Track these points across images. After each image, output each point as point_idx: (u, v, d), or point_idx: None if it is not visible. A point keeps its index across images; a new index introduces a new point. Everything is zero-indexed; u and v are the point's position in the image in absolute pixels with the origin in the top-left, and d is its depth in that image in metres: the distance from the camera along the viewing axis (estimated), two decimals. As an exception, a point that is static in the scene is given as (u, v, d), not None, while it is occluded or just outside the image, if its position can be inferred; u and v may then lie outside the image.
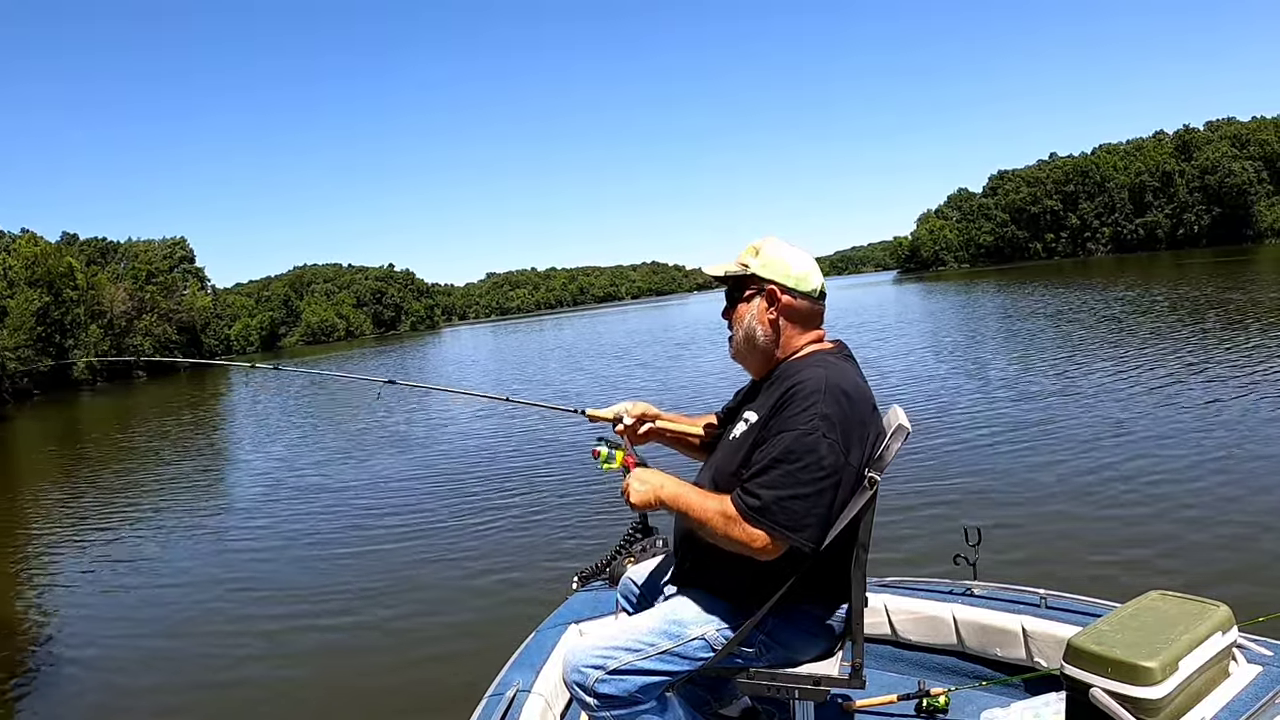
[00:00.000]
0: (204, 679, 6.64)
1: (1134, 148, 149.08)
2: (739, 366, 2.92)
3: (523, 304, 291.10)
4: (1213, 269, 51.73)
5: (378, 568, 8.82)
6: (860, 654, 2.70)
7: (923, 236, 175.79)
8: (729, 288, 2.87)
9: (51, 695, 6.64)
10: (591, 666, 2.66)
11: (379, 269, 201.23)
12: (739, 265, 2.81)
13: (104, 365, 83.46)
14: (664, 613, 2.77)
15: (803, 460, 2.49)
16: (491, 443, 15.96)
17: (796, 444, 2.50)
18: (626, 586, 3.30)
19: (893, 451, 2.60)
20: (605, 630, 2.84)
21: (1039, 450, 10.13)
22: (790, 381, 2.61)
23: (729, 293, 2.87)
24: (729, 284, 2.87)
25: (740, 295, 2.83)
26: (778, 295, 2.76)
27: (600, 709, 2.66)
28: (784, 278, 2.76)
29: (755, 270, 2.77)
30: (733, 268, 2.82)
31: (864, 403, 2.62)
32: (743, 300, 2.81)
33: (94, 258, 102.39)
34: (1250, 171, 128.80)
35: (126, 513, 13.55)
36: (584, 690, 2.66)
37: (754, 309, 2.78)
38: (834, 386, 2.56)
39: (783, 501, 2.49)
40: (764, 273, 2.77)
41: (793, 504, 2.49)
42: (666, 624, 2.71)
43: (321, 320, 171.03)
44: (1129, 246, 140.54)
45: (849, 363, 2.76)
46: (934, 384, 16.51)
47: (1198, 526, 7.03)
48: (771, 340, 2.77)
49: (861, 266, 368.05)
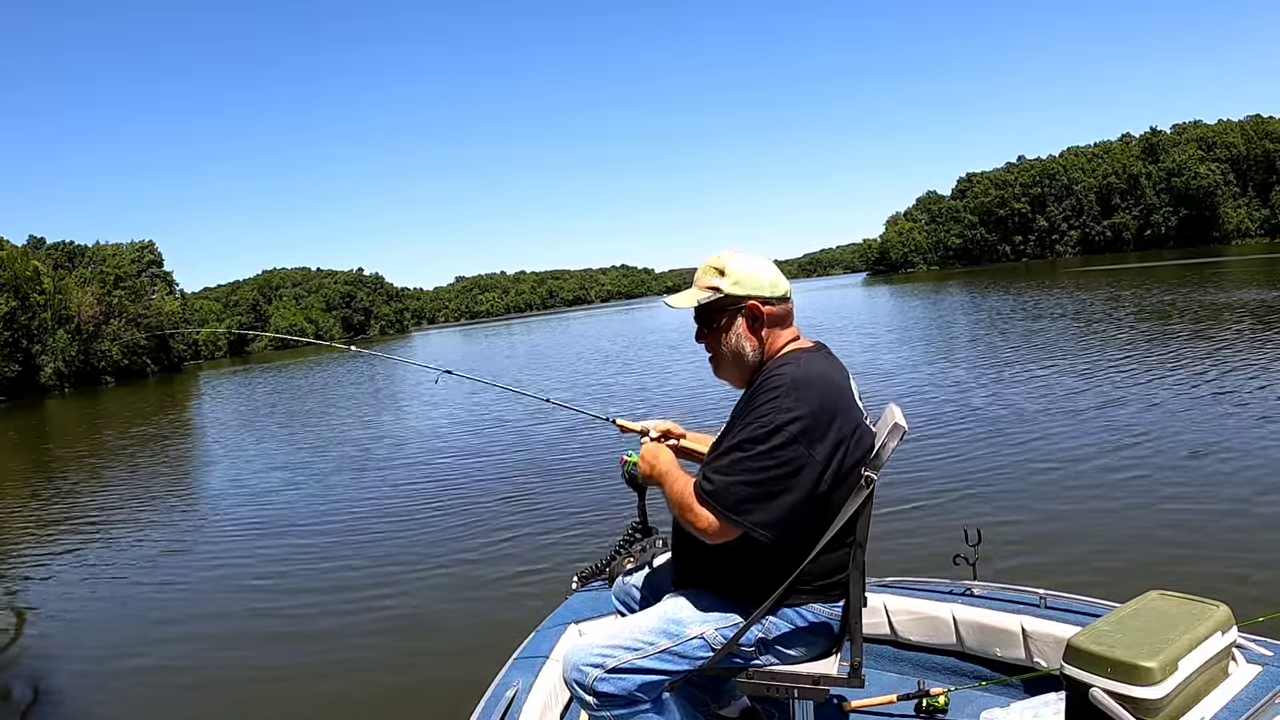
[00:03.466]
0: (201, 678, 6.61)
1: (1101, 150, 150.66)
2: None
3: (492, 307, 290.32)
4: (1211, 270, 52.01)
5: (375, 569, 8.77)
6: (859, 653, 2.72)
7: (892, 239, 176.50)
8: (696, 315, 2.85)
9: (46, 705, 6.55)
10: (591, 665, 2.68)
11: (348, 273, 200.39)
12: (708, 290, 2.78)
13: (72, 371, 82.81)
14: (663, 612, 2.78)
15: (755, 449, 2.53)
16: (491, 443, 15.87)
17: (752, 434, 2.55)
18: (622, 589, 3.32)
19: (889, 450, 2.61)
20: (605, 629, 2.86)
21: (1039, 450, 10.15)
22: (760, 379, 2.66)
23: (702, 316, 2.84)
24: (698, 311, 2.84)
25: (719, 319, 2.80)
26: (759, 310, 2.76)
27: (599, 708, 2.68)
28: (758, 290, 2.76)
29: (729, 291, 2.75)
30: (703, 295, 2.79)
31: (834, 396, 2.61)
32: (722, 324, 2.79)
33: (61, 262, 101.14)
34: (1217, 174, 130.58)
35: (134, 510, 13.40)
36: (583, 689, 2.69)
37: (737, 329, 2.77)
38: (799, 381, 2.58)
39: (731, 486, 2.55)
40: (739, 291, 2.75)
41: (740, 489, 2.54)
42: (666, 623, 2.73)
43: (290, 324, 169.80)
44: (1097, 248, 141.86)
45: (825, 359, 2.76)
46: (933, 384, 16.51)
47: (1198, 526, 7.05)
48: (758, 352, 2.77)
49: (830, 269, 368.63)
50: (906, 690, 3.46)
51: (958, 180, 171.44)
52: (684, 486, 2.69)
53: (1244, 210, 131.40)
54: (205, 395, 48.01)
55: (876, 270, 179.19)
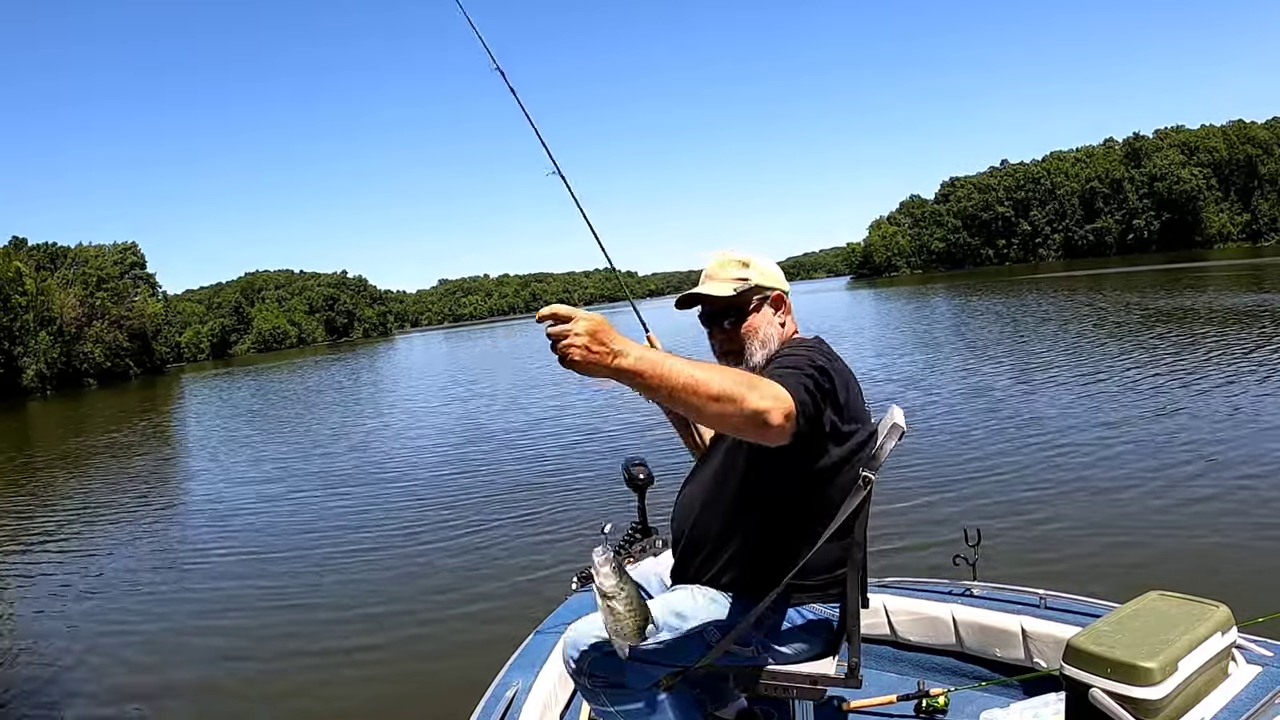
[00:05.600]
0: (197, 676, 6.63)
1: (1084, 155, 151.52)
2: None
3: (475, 310, 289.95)
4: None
5: (374, 569, 8.79)
6: (857, 653, 2.72)
7: (875, 243, 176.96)
8: (719, 307, 2.83)
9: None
10: (590, 646, 2.67)
11: (332, 275, 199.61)
12: (738, 280, 2.80)
13: (54, 373, 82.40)
14: (665, 604, 2.74)
15: (797, 363, 2.48)
16: (491, 443, 15.92)
17: (789, 362, 2.49)
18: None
19: (886, 451, 2.63)
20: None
21: (1038, 451, 10.21)
22: (781, 350, 2.73)
23: (725, 309, 2.82)
24: (727, 303, 2.83)
25: (746, 309, 2.81)
26: (784, 299, 2.86)
27: (592, 687, 2.69)
28: (779, 284, 2.87)
29: (758, 281, 2.80)
30: (732, 285, 2.80)
31: (851, 374, 2.68)
32: (751, 311, 2.81)
33: (43, 263, 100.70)
34: (1199, 178, 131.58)
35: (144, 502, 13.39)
36: (578, 667, 2.68)
37: (765, 317, 2.81)
38: (820, 343, 2.72)
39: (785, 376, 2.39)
40: (766, 281, 2.82)
41: (790, 375, 2.42)
42: (667, 615, 2.69)
43: (273, 327, 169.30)
44: (1080, 252, 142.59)
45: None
46: (931, 385, 16.60)
47: (1197, 526, 7.09)
48: (781, 340, 2.82)
49: (814, 272, 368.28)
50: (906, 690, 3.47)
51: (941, 184, 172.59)
52: (716, 369, 2.19)
53: (1225, 215, 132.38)
54: (189, 399, 47.83)
55: (860, 274, 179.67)
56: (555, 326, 2.01)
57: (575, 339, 1.99)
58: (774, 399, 2.18)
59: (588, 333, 1.99)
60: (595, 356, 2.00)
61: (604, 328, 2.02)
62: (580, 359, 1.99)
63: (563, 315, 2.01)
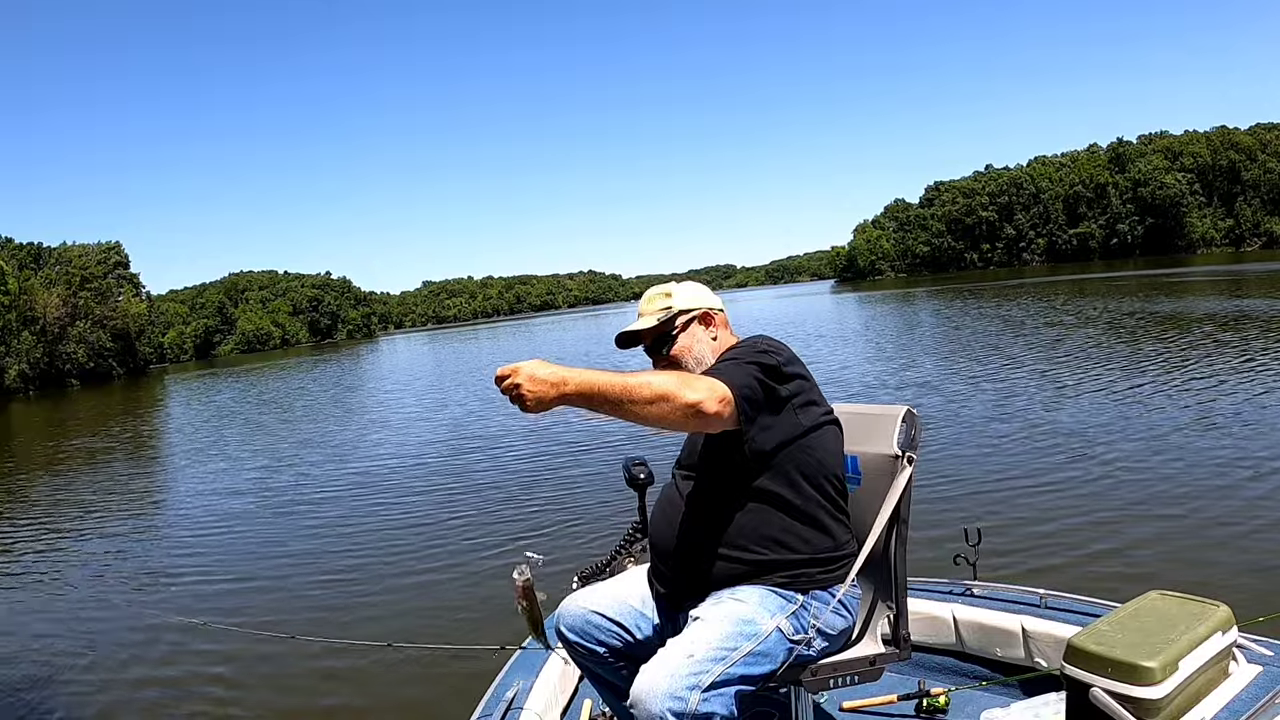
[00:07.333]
0: (193, 675, 6.65)
1: (1068, 160, 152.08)
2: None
3: (459, 312, 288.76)
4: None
5: (374, 569, 8.79)
6: (905, 624, 2.80)
7: (860, 246, 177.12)
8: (651, 339, 2.98)
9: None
10: (688, 689, 2.38)
11: (315, 276, 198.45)
12: (661, 310, 2.96)
13: (36, 374, 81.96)
14: (725, 615, 2.57)
15: (736, 355, 2.71)
16: (491, 444, 15.89)
17: (727, 357, 2.75)
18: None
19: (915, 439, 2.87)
20: (675, 651, 2.50)
21: (1039, 451, 10.25)
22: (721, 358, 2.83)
23: (658, 339, 2.96)
24: (656, 333, 2.96)
25: (676, 333, 2.94)
26: (711, 316, 2.98)
27: None
28: (704, 303, 3.00)
29: (680, 306, 2.95)
30: (656, 316, 2.95)
31: (789, 350, 2.80)
32: (679, 335, 2.94)
33: (26, 262, 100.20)
34: (1183, 184, 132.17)
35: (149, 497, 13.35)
36: (684, 717, 2.39)
37: (693, 335, 2.94)
38: (758, 339, 2.82)
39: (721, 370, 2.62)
40: (689, 304, 2.97)
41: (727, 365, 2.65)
42: (738, 625, 2.53)
43: (257, 328, 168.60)
44: (1063, 257, 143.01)
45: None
46: (931, 385, 16.64)
47: (1197, 526, 7.13)
48: (716, 353, 2.90)
49: (798, 276, 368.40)
50: (906, 690, 3.47)
51: (926, 189, 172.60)
52: (664, 375, 2.47)
53: (1209, 220, 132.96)
54: (173, 400, 47.64)
55: (844, 277, 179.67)
56: (504, 383, 2.32)
57: (521, 387, 2.29)
58: (707, 390, 2.44)
59: (526, 377, 2.29)
60: (540, 390, 2.29)
61: (538, 367, 2.31)
62: (531, 398, 2.30)
63: (505, 373, 2.32)
